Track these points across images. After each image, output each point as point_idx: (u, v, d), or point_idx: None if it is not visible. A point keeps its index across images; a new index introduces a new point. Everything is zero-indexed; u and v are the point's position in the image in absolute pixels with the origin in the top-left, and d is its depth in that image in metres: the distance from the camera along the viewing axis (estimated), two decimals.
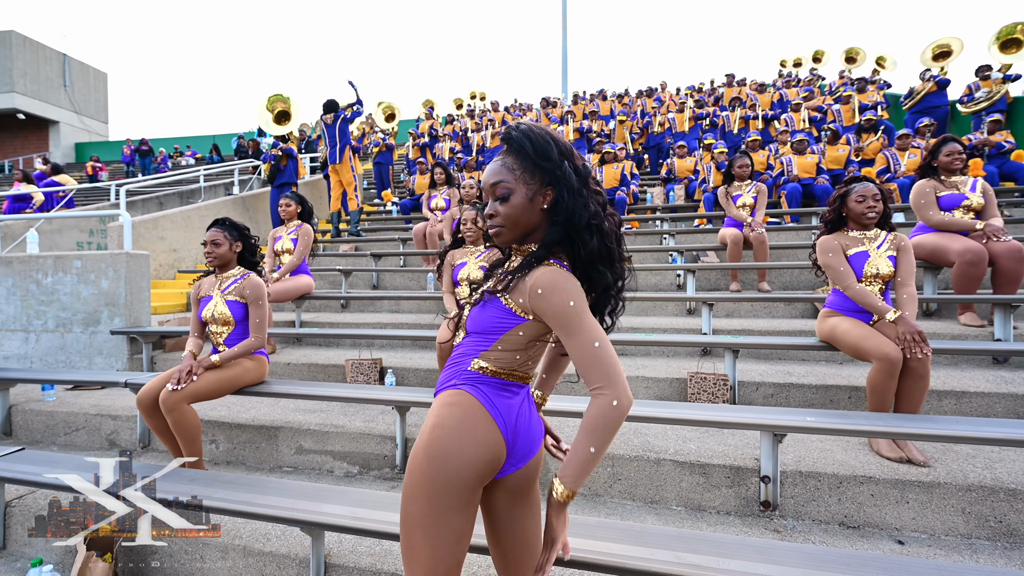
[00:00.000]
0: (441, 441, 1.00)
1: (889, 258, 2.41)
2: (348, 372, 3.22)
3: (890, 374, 2.19)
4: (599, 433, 0.93)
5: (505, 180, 1.05)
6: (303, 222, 4.06)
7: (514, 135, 1.05)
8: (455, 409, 1.03)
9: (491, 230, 1.08)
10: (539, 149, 1.02)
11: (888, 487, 2.03)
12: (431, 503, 0.97)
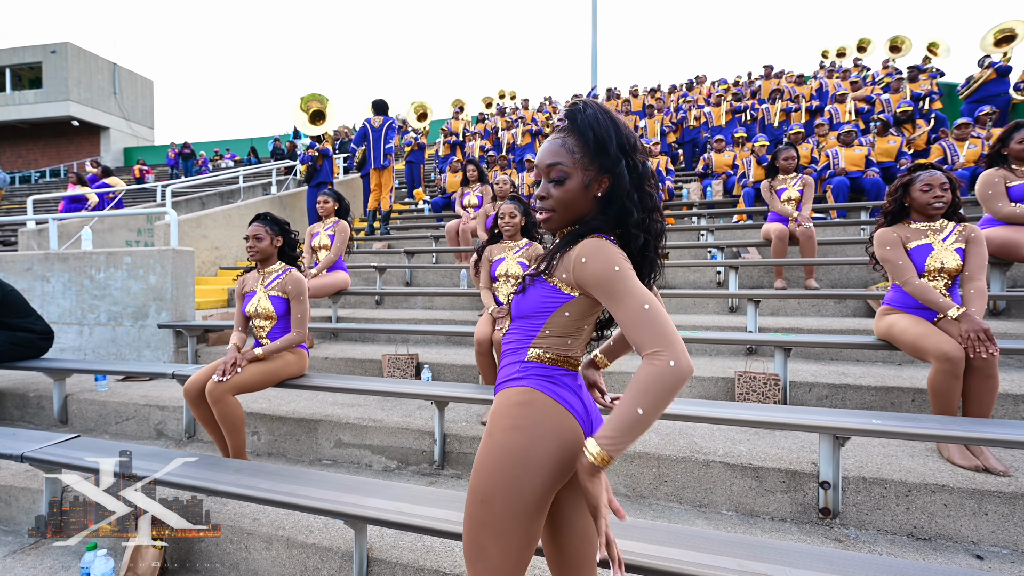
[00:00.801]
0: (520, 444, 0.96)
1: (956, 251, 2.24)
2: (385, 367, 3.23)
3: (952, 375, 2.04)
4: (651, 395, 0.83)
5: (563, 163, 1.00)
6: (340, 219, 4.11)
7: (579, 118, 0.99)
8: (530, 409, 0.99)
9: (541, 213, 1.04)
10: (601, 139, 0.98)
11: (964, 497, 1.88)
12: (509, 507, 0.94)
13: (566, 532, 1.09)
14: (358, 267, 5.34)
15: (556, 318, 1.02)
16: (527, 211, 2.90)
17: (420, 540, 1.94)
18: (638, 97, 9.82)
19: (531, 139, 8.95)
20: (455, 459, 2.53)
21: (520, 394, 1.02)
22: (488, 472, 0.97)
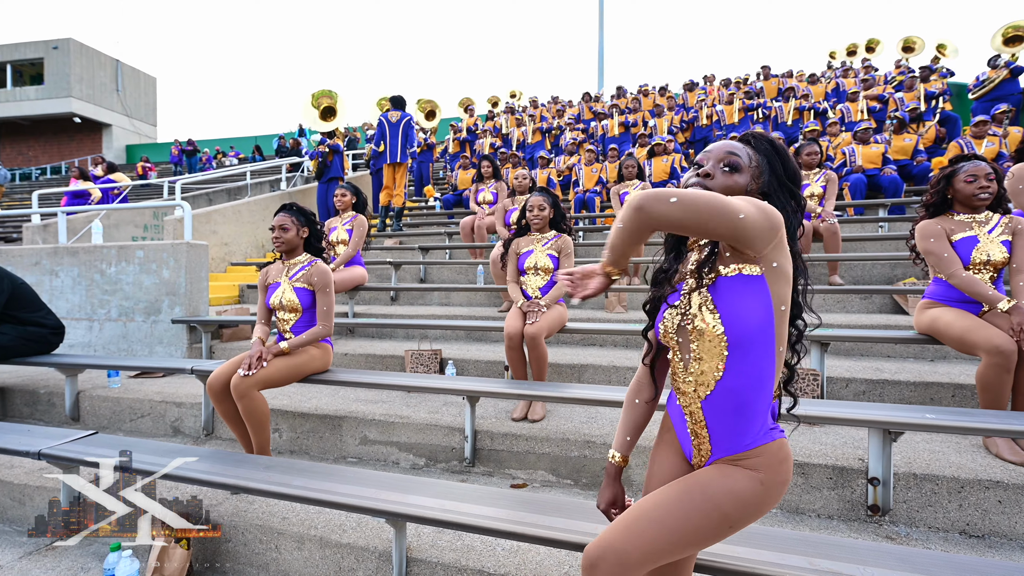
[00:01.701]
0: (763, 496, 1.00)
1: (1003, 243, 2.19)
2: (408, 362, 3.17)
3: (1005, 368, 1.99)
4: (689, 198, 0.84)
5: (741, 159, 1.04)
6: (358, 213, 4.05)
7: (764, 143, 1.07)
8: (785, 467, 1.03)
9: (696, 188, 1.02)
10: (774, 161, 1.05)
11: (1019, 493, 1.83)
12: (721, 525, 0.98)
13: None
14: (372, 263, 5.28)
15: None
16: (556, 203, 2.85)
17: (459, 539, 1.88)
18: (648, 96, 9.79)
19: (541, 136, 8.91)
20: (486, 456, 2.48)
21: (783, 446, 1.06)
22: (730, 502, 1.00)
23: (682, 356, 1.05)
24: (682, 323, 1.04)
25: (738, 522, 0.98)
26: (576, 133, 8.55)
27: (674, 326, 1.05)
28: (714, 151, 1.07)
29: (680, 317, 1.04)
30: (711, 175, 1.03)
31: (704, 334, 0.99)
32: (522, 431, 2.43)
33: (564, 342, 3.62)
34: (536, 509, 1.61)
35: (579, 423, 2.50)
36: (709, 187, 1.02)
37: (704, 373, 1.01)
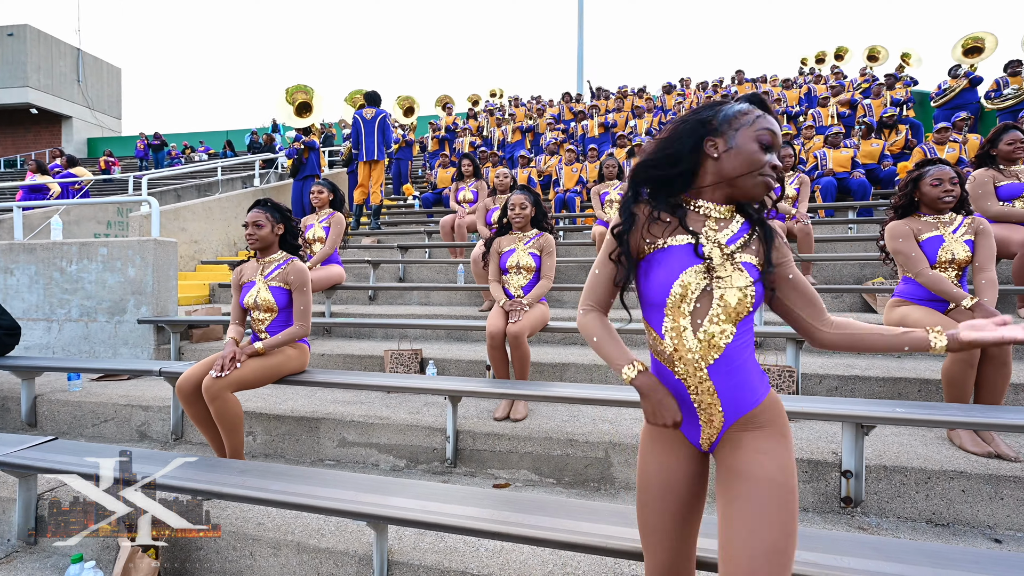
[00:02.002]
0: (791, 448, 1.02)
1: (966, 243, 2.29)
2: (387, 363, 3.12)
3: (969, 364, 2.08)
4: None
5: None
6: (335, 210, 3.96)
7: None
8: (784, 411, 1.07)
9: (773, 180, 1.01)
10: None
11: (980, 483, 1.91)
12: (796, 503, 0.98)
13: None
14: (350, 262, 5.18)
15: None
16: (537, 202, 2.84)
17: (442, 540, 1.86)
18: (628, 97, 9.90)
19: (521, 136, 8.91)
20: (468, 456, 2.45)
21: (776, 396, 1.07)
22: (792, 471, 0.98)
23: (692, 321, 0.99)
24: (708, 287, 0.99)
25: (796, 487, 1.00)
26: (556, 133, 8.58)
27: (697, 288, 0.99)
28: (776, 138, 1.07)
29: (707, 280, 0.99)
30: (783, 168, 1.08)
31: (732, 300, 0.98)
32: (504, 430, 2.42)
33: (546, 341, 3.62)
34: (519, 508, 1.60)
35: (561, 422, 2.50)
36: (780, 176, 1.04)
37: (715, 337, 0.99)
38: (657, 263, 1.03)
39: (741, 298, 0.99)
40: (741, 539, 0.92)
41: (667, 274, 1.01)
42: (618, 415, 2.55)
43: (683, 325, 1.00)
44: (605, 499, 2.19)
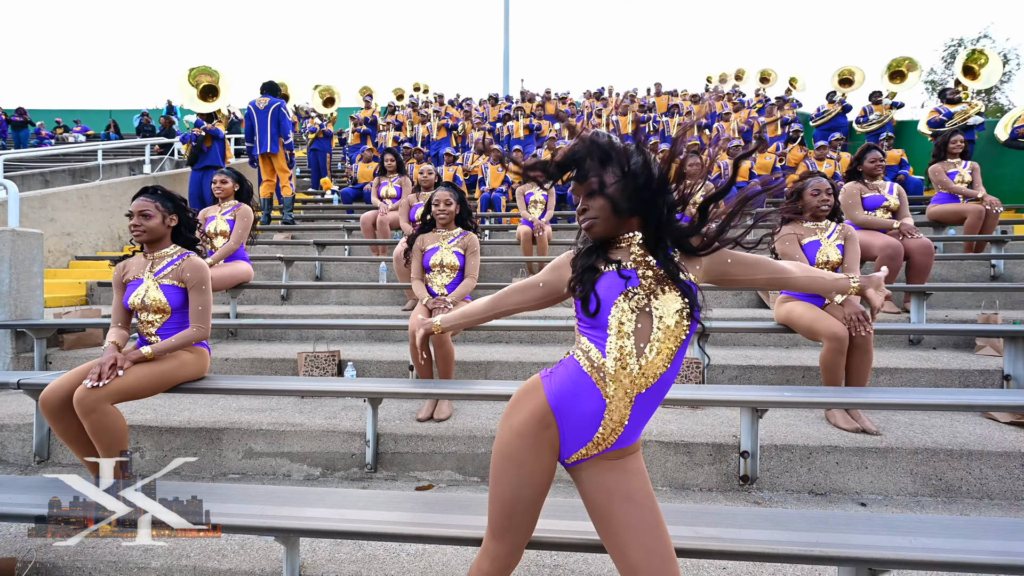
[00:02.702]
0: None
1: (838, 247, 2.61)
2: (301, 366, 2.92)
3: (839, 351, 2.37)
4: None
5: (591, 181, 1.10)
6: (241, 203, 3.64)
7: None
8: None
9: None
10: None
11: (850, 455, 2.19)
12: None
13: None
14: (258, 259, 4.80)
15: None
16: (462, 199, 2.82)
17: (360, 549, 1.78)
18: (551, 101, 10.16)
19: (447, 134, 8.80)
20: (389, 460, 2.37)
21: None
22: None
23: (635, 343, 1.02)
24: (647, 308, 1.02)
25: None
26: (483, 132, 8.59)
27: (636, 308, 1.02)
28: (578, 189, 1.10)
29: (645, 302, 1.02)
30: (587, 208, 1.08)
31: (670, 322, 1.02)
32: (428, 431, 2.37)
33: (471, 340, 3.60)
34: (441, 509, 1.57)
35: (486, 419, 2.49)
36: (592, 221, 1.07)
37: (653, 365, 1.02)
38: (592, 294, 1.06)
39: (679, 320, 1.02)
40: (641, 559, 1.03)
41: (606, 294, 1.04)
42: None
43: (628, 347, 1.02)
44: None
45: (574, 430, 1.07)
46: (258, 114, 5.85)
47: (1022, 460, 2.13)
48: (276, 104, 5.82)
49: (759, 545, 1.35)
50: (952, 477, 2.16)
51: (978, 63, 7.15)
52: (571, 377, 1.08)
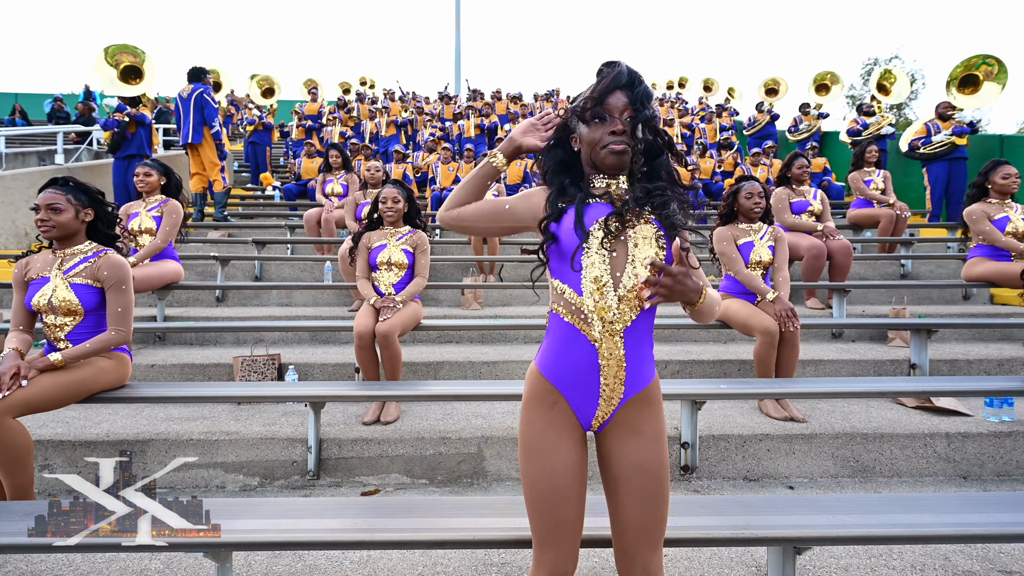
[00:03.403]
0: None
1: (769, 247, 2.78)
2: (237, 371, 2.76)
3: (771, 345, 2.53)
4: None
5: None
6: (169, 197, 3.39)
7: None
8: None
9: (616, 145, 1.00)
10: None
11: (780, 442, 2.34)
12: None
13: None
14: (191, 258, 4.50)
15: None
16: (410, 197, 2.76)
17: (300, 560, 1.70)
18: (502, 101, 10.18)
19: (396, 130, 8.60)
20: (333, 466, 2.28)
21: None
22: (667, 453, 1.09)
23: (611, 273, 0.99)
24: (623, 237, 0.99)
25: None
26: (434, 130, 8.48)
27: (610, 237, 0.99)
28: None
29: (620, 229, 0.99)
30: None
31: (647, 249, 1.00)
32: (374, 435, 2.30)
33: (420, 340, 3.54)
34: (386, 513, 1.53)
35: (435, 421, 2.46)
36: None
37: (630, 295, 0.99)
38: (567, 218, 1.03)
39: (656, 250, 1.01)
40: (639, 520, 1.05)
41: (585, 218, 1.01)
42: (491, 409, 2.60)
43: (604, 278, 0.98)
44: (478, 493, 2.21)
45: (580, 393, 1.03)
46: (182, 102, 5.47)
47: (925, 441, 2.35)
48: (199, 90, 5.43)
49: (695, 531, 1.41)
50: (867, 458, 2.35)
51: (889, 81, 7.86)
52: (556, 335, 1.05)
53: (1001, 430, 2.36)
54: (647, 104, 1.00)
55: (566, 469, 1.03)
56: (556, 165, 1.09)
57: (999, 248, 3.55)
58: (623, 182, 1.06)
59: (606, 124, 1.00)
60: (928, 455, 2.34)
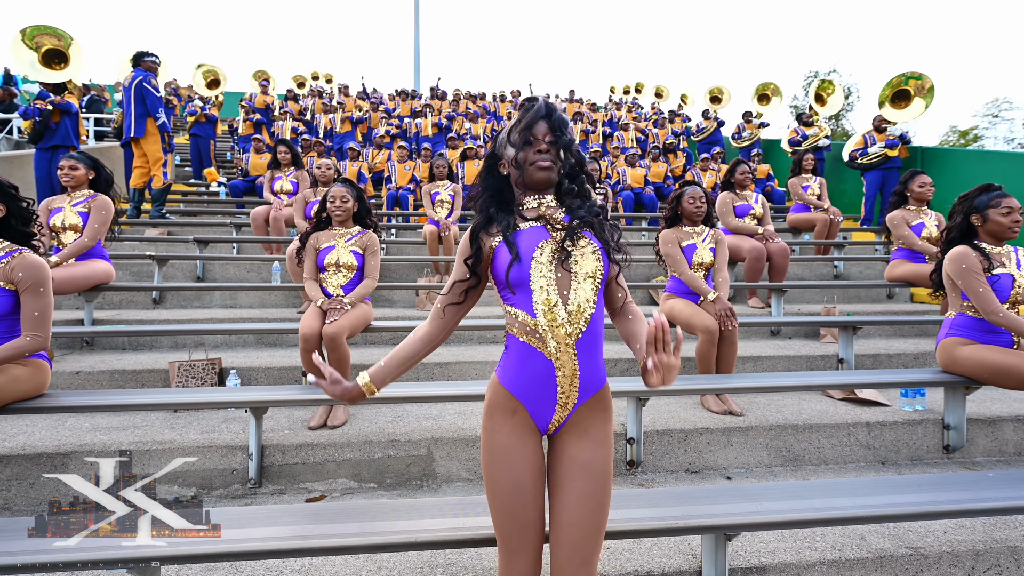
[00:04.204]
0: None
1: (711, 249, 2.92)
2: (173, 377, 2.62)
3: (711, 343, 2.65)
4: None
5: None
6: (98, 192, 3.17)
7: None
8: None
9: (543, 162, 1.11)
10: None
11: (719, 435, 2.46)
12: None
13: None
14: (125, 258, 4.23)
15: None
16: (360, 196, 2.71)
17: (237, 571, 1.65)
18: (461, 102, 10.13)
19: (351, 127, 8.39)
20: (276, 473, 2.21)
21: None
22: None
23: (559, 292, 1.07)
24: (564, 258, 1.07)
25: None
26: (390, 128, 8.33)
27: (553, 259, 1.07)
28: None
29: (561, 252, 1.07)
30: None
31: (588, 266, 1.08)
32: (320, 440, 2.24)
33: (372, 342, 3.48)
34: (328, 519, 1.50)
35: (384, 423, 2.43)
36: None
37: (582, 307, 1.07)
38: (512, 245, 1.10)
39: (595, 262, 1.09)
40: (577, 521, 1.08)
41: (524, 252, 1.09)
42: (442, 411, 2.59)
43: (553, 299, 1.06)
44: (427, 495, 2.20)
45: (538, 401, 1.10)
46: (124, 91, 5.12)
47: (849, 430, 2.53)
48: (139, 78, 5.07)
49: (635, 523, 1.46)
50: (798, 448, 2.51)
51: (827, 92, 8.38)
52: (514, 353, 1.12)
53: (914, 418, 2.58)
54: (565, 130, 1.12)
55: (529, 471, 1.10)
56: (488, 192, 1.19)
57: (916, 251, 3.87)
58: (551, 200, 1.16)
59: (533, 146, 1.11)
60: (851, 443, 2.53)
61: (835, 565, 1.70)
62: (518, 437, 1.11)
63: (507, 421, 1.11)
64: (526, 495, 1.09)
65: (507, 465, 1.10)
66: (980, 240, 2.33)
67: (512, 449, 1.10)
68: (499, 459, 1.10)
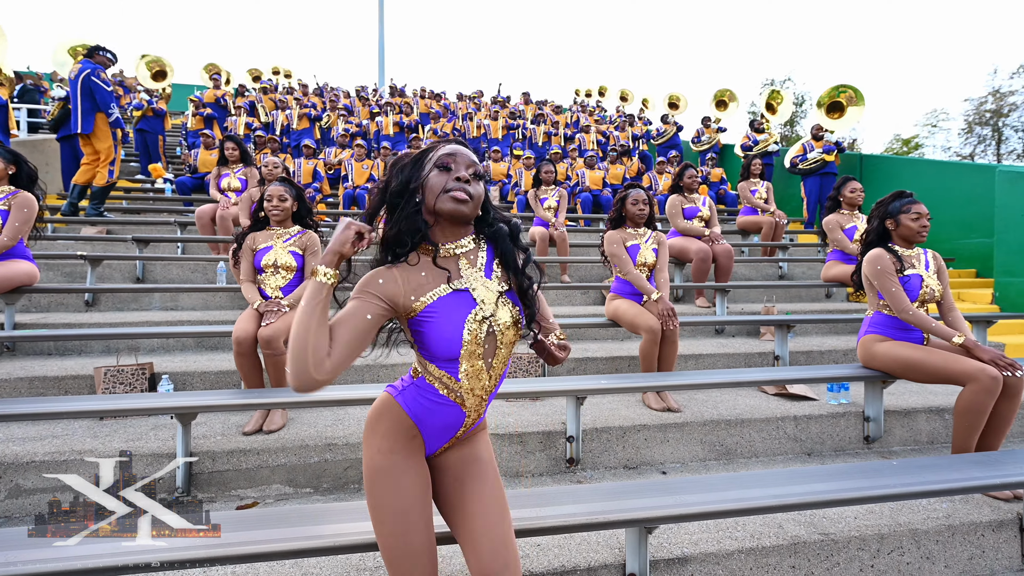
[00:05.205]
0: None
1: (653, 250, 3.00)
2: (99, 383, 2.50)
3: (654, 342, 2.74)
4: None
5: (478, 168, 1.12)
6: (19, 189, 3.00)
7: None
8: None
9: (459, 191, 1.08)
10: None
11: (655, 431, 2.53)
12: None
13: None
14: (54, 258, 4.01)
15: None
16: (300, 196, 2.66)
17: None
18: (424, 99, 10.05)
19: (309, 124, 8.18)
20: (206, 481, 2.14)
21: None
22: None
23: (485, 360, 1.10)
24: (490, 329, 1.09)
25: None
26: (349, 126, 8.18)
27: (483, 332, 1.08)
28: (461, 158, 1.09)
29: (487, 324, 1.08)
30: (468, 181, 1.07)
31: (511, 336, 1.12)
32: (253, 445, 2.19)
33: None
34: (254, 525, 1.47)
35: (323, 427, 2.39)
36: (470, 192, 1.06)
37: (497, 371, 1.14)
38: (435, 318, 1.05)
39: (516, 331, 1.13)
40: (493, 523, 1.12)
41: (452, 329, 1.05)
42: None
43: (480, 367, 1.10)
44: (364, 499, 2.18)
45: (437, 435, 1.15)
46: (71, 84, 4.84)
47: (778, 424, 2.66)
48: (86, 71, 4.82)
49: (561, 519, 1.49)
50: (730, 442, 2.61)
51: (776, 101, 8.75)
52: (428, 399, 1.11)
53: (838, 411, 2.73)
54: (479, 164, 1.13)
55: (419, 492, 1.10)
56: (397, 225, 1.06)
57: (849, 253, 4.09)
58: (470, 242, 1.12)
59: (451, 172, 1.07)
60: (780, 436, 2.65)
61: (753, 553, 1.78)
62: (411, 460, 1.10)
63: (404, 445, 1.10)
64: (423, 517, 1.08)
65: (398, 489, 1.07)
66: (894, 243, 2.48)
67: (405, 473, 1.08)
68: (392, 480, 1.07)
